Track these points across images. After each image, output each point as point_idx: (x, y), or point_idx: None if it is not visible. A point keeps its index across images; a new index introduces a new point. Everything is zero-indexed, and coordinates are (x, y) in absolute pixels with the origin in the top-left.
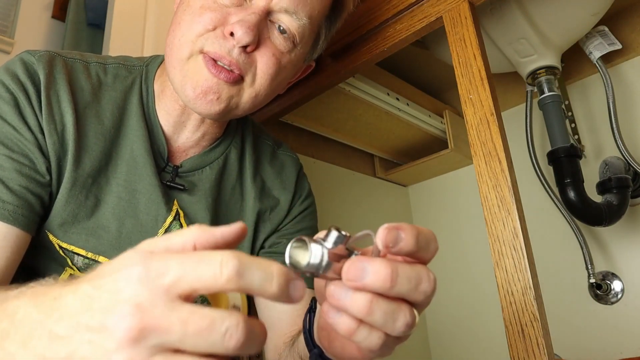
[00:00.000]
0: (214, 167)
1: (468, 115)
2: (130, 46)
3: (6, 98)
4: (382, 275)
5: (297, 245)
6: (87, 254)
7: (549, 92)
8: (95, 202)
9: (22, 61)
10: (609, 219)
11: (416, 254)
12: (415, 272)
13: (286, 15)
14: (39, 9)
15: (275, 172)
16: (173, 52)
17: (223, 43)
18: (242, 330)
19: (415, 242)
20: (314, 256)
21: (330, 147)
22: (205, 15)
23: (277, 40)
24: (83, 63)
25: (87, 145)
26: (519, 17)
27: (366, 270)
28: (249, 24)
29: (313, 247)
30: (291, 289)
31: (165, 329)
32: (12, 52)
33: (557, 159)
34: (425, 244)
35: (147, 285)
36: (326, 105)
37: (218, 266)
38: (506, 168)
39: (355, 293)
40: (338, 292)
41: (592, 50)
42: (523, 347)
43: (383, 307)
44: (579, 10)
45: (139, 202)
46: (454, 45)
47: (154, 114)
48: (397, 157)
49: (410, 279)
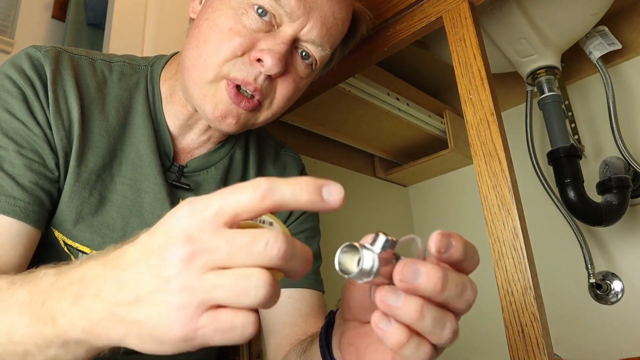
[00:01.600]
0: (219, 167)
1: (468, 115)
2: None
3: (14, 93)
4: (435, 278)
5: (346, 251)
6: (91, 252)
7: (549, 92)
8: (100, 199)
9: (28, 56)
10: (609, 219)
11: (462, 263)
12: (461, 280)
13: (312, 46)
14: (39, 9)
15: (278, 173)
16: (197, 71)
17: (250, 70)
18: (281, 241)
19: (464, 251)
20: (366, 261)
21: (330, 147)
22: (235, 40)
23: (299, 66)
24: (89, 60)
25: (92, 141)
26: (519, 17)
27: (419, 272)
28: (279, 55)
29: (364, 253)
30: (325, 194)
31: (213, 249)
32: (12, 52)
33: (557, 159)
34: (472, 255)
35: (194, 218)
36: (326, 105)
37: (252, 190)
38: (506, 168)
39: (407, 296)
40: (389, 295)
41: (592, 50)
42: (523, 347)
43: (432, 312)
44: (579, 10)
45: (144, 201)
46: (454, 45)
47: (161, 115)
48: (397, 157)
49: (458, 285)
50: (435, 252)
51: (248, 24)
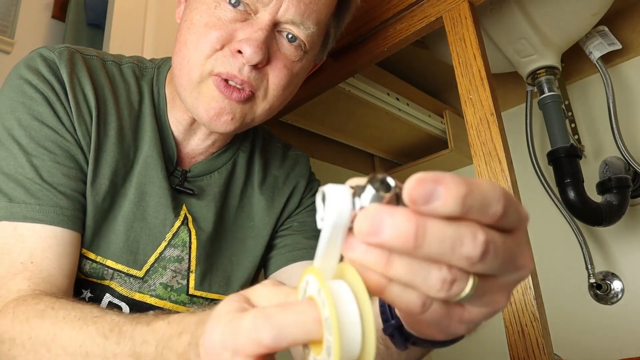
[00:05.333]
0: (222, 172)
1: (468, 115)
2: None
3: (37, 99)
4: (404, 230)
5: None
6: (95, 258)
7: (549, 92)
8: (111, 203)
9: (43, 57)
10: (609, 219)
11: (466, 216)
12: (454, 232)
13: (293, 26)
14: (39, 9)
15: (285, 172)
16: (183, 75)
17: (232, 62)
18: None
19: (458, 203)
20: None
21: (330, 147)
22: (211, 35)
23: (287, 50)
24: (100, 60)
25: (107, 144)
26: (519, 17)
27: (382, 223)
28: (257, 42)
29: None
30: None
31: None
32: (12, 52)
33: (557, 159)
34: (481, 206)
35: None
36: (326, 105)
37: None
38: (506, 168)
39: (367, 248)
40: (351, 241)
41: (592, 50)
42: (523, 347)
43: (405, 263)
44: (579, 10)
45: (148, 204)
46: (454, 45)
47: (166, 119)
48: (397, 157)
49: (445, 240)
50: (409, 205)
51: (223, 16)
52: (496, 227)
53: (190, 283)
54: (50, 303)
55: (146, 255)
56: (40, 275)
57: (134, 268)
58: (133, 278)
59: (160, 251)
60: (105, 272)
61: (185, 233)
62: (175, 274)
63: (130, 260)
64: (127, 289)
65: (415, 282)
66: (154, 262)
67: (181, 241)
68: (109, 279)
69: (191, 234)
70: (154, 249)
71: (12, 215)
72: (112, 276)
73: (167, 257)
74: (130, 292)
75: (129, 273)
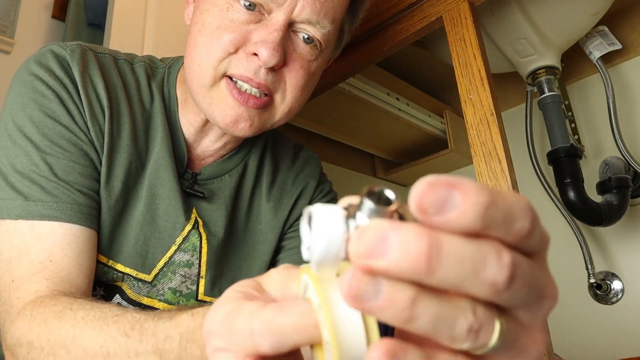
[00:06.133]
0: (233, 175)
1: (468, 115)
2: (130, 46)
3: (50, 96)
4: (414, 249)
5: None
6: (107, 262)
7: (549, 92)
8: (123, 206)
9: (54, 54)
10: (609, 219)
11: (485, 232)
12: (474, 251)
13: (309, 26)
14: (39, 9)
15: (294, 173)
16: (194, 78)
17: (248, 65)
18: None
19: (479, 214)
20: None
21: (330, 147)
22: (224, 37)
23: (303, 50)
24: (112, 59)
25: (121, 147)
26: (519, 17)
27: (388, 242)
28: (273, 44)
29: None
30: None
31: None
32: (12, 52)
33: (557, 159)
34: (504, 220)
35: None
36: (326, 105)
37: None
38: (506, 168)
39: (371, 280)
40: (359, 285)
41: (592, 50)
42: None
43: (428, 303)
44: (579, 10)
45: (158, 207)
46: (454, 45)
47: (176, 120)
48: (397, 157)
49: (465, 260)
50: (418, 215)
51: (236, 18)
52: (519, 248)
53: (200, 288)
54: (68, 304)
55: (155, 259)
56: (60, 274)
57: (142, 272)
58: (142, 282)
59: (169, 255)
60: (116, 276)
61: (196, 237)
62: (185, 279)
63: (139, 264)
64: (136, 293)
65: (439, 332)
66: (163, 267)
67: (192, 245)
68: (120, 281)
69: (202, 239)
70: (164, 252)
71: (29, 213)
72: (122, 279)
73: (176, 262)
74: (138, 296)
75: (138, 277)
